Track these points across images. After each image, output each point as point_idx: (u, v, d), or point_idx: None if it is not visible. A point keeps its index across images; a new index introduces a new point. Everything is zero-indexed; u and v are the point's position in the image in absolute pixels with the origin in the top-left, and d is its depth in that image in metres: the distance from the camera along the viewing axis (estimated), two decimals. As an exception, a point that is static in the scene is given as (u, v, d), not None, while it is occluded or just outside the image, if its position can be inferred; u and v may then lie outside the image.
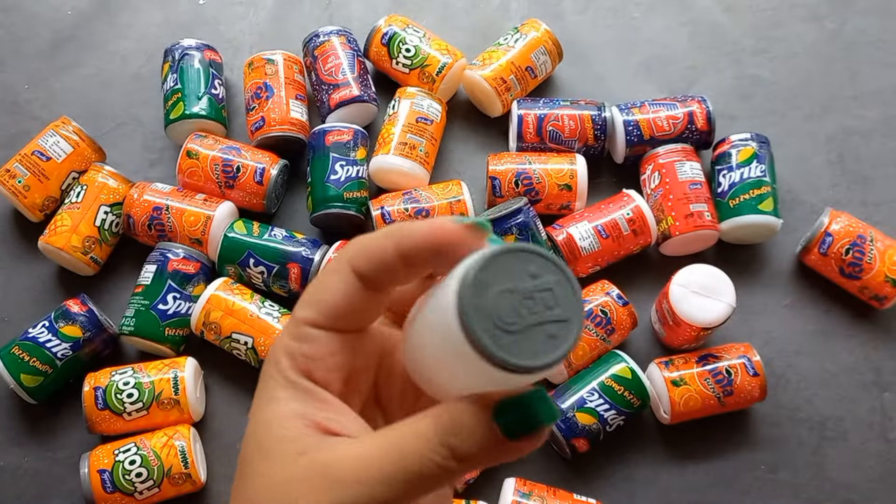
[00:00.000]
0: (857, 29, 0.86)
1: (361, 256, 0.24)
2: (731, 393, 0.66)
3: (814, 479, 0.68)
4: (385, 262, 0.23)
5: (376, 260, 0.23)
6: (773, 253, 0.76)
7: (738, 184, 0.72)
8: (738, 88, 0.83)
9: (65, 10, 0.88)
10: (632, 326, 0.70)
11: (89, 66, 0.85)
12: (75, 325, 0.68)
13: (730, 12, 0.87)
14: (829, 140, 0.81)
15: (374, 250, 0.24)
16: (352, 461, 0.22)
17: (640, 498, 0.68)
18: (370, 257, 0.24)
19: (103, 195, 0.73)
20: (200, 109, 0.76)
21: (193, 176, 0.74)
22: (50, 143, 0.75)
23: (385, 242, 0.23)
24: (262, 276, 0.71)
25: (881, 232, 0.72)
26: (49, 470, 0.69)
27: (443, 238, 0.23)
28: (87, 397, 0.66)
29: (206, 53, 0.79)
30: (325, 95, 0.77)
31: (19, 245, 0.77)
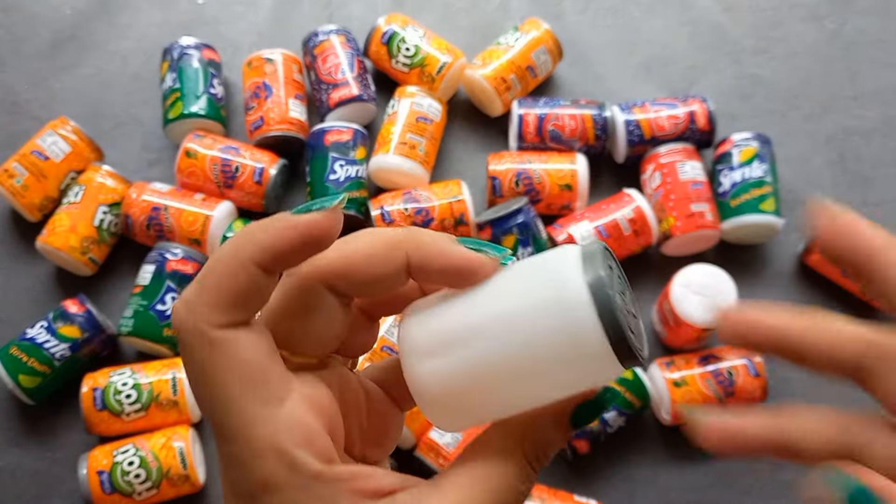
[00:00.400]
0: (857, 29, 0.86)
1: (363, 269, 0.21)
2: (732, 394, 0.66)
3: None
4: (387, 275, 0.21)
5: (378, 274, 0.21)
6: (774, 253, 0.76)
7: (740, 183, 0.72)
8: (738, 88, 0.83)
9: (64, 9, 0.88)
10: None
11: (89, 66, 0.85)
12: (74, 326, 0.68)
13: (730, 12, 0.87)
14: (830, 140, 0.81)
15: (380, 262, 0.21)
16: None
17: (641, 498, 0.68)
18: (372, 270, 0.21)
19: (102, 195, 0.73)
20: (199, 109, 0.76)
21: (192, 176, 0.74)
22: (48, 142, 0.74)
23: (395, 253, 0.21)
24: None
25: (882, 232, 0.71)
26: (48, 471, 0.68)
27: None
28: (86, 398, 0.65)
29: (205, 53, 0.78)
30: (324, 95, 0.77)
31: (17, 245, 0.76)
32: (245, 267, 0.20)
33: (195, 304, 0.20)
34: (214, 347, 0.20)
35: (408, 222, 0.72)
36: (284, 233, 0.21)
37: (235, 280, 0.20)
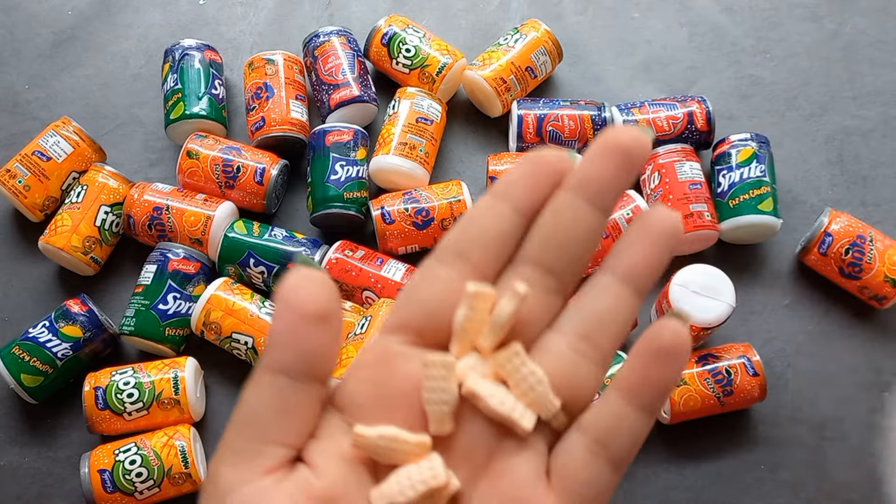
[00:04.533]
0: (856, 29, 0.86)
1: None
2: (730, 393, 0.66)
3: (813, 478, 0.68)
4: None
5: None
6: (772, 253, 0.76)
7: (738, 184, 0.73)
8: (737, 89, 0.84)
9: (65, 10, 0.88)
10: (632, 327, 0.70)
11: (90, 67, 0.85)
12: (75, 325, 0.68)
13: (729, 13, 0.88)
14: (829, 140, 0.81)
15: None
16: None
17: (640, 497, 0.68)
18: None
19: (103, 195, 0.73)
20: (201, 109, 0.76)
21: (194, 176, 0.74)
22: (50, 143, 0.75)
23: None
24: (263, 276, 0.71)
25: (881, 232, 0.72)
26: (49, 470, 0.69)
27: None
28: (88, 397, 0.66)
29: (207, 53, 0.79)
30: (325, 95, 0.77)
31: (19, 245, 0.77)
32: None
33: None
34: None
35: (408, 222, 0.72)
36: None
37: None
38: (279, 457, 0.23)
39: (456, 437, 0.24)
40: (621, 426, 0.24)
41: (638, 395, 0.24)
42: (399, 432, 0.24)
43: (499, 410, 0.24)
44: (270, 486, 0.23)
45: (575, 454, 0.24)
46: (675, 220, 0.25)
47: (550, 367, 0.24)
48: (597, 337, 0.25)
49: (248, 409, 0.24)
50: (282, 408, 0.23)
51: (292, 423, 0.24)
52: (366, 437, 0.23)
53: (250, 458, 0.23)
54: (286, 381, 0.23)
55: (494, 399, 0.24)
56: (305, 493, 0.23)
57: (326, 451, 0.24)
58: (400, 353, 0.25)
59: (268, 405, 0.23)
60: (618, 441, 0.24)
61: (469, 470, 0.24)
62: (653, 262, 0.25)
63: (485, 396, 0.24)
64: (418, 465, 0.24)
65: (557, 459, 0.24)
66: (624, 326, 0.25)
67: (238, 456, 0.23)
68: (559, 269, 0.25)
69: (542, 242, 0.25)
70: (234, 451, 0.23)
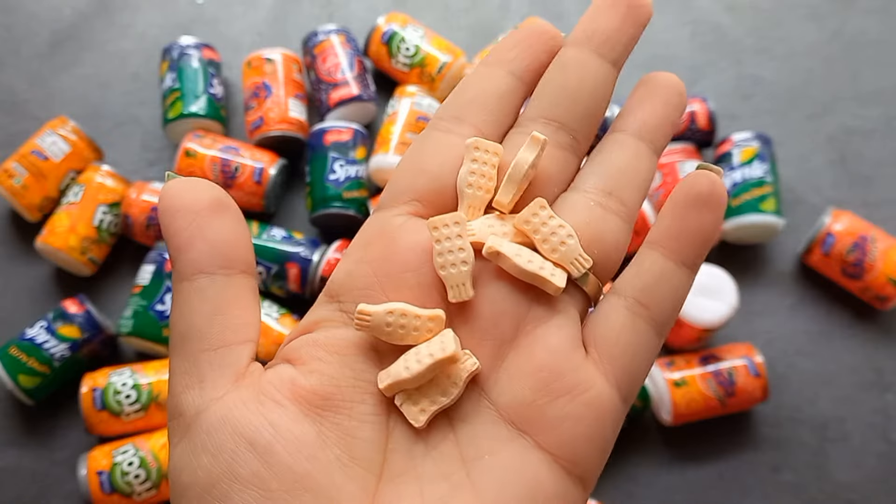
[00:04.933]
0: (858, 29, 0.86)
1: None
2: (732, 394, 0.66)
3: (815, 479, 0.68)
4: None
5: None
6: (775, 253, 0.76)
7: (740, 184, 0.72)
8: (738, 88, 0.83)
9: (64, 9, 0.87)
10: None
11: (88, 66, 0.85)
12: (73, 326, 0.67)
13: (731, 12, 0.87)
14: (831, 140, 0.81)
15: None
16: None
17: (642, 499, 0.68)
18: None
19: (101, 195, 0.73)
20: (199, 109, 0.75)
21: (192, 175, 0.74)
22: (48, 142, 0.74)
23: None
24: (261, 276, 0.71)
25: (883, 231, 0.71)
26: (47, 471, 0.68)
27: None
28: (85, 398, 0.65)
29: (205, 52, 0.78)
30: (324, 94, 0.77)
31: (17, 245, 0.76)
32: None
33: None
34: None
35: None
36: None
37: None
38: (240, 357, 0.21)
39: (477, 310, 0.22)
40: (662, 284, 0.22)
41: (677, 248, 0.22)
42: (409, 307, 0.21)
43: (527, 269, 0.21)
44: (248, 393, 0.20)
45: (614, 318, 0.22)
46: (676, 79, 0.24)
47: (576, 224, 0.22)
48: (620, 192, 0.23)
49: (182, 325, 0.21)
50: (215, 307, 0.21)
51: (234, 318, 0.21)
52: (371, 315, 0.21)
53: (207, 371, 0.20)
54: (207, 280, 0.21)
55: (521, 258, 0.21)
56: (291, 393, 0.20)
57: (317, 344, 0.21)
58: (401, 225, 0.22)
59: (200, 311, 0.21)
60: (659, 300, 0.22)
61: (494, 346, 0.22)
62: (665, 118, 0.24)
63: (510, 255, 0.21)
64: (428, 342, 0.21)
65: (594, 329, 0.22)
66: (646, 182, 0.23)
67: (194, 375, 0.20)
68: (571, 124, 0.23)
69: (550, 97, 0.23)
70: (186, 373, 0.20)
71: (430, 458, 0.21)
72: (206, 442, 0.20)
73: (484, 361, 0.22)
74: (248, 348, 0.21)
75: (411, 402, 0.21)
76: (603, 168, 0.23)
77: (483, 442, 0.21)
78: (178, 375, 0.21)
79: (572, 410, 0.21)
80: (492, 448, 0.21)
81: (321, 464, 0.20)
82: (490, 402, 0.21)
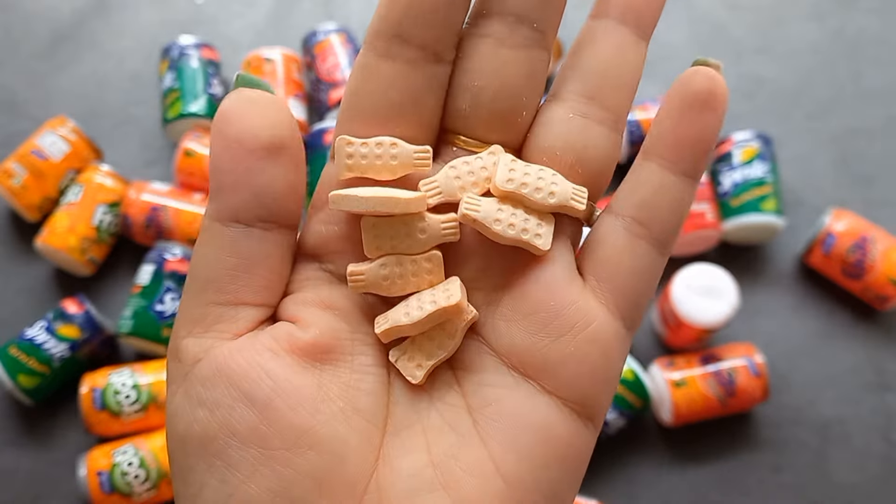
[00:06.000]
0: (859, 28, 0.86)
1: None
2: (733, 394, 0.66)
3: (816, 480, 0.68)
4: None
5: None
6: (775, 253, 0.76)
7: (741, 183, 0.72)
8: (739, 87, 0.83)
9: (62, 9, 0.87)
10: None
11: (87, 66, 0.84)
12: (73, 326, 0.67)
13: (732, 11, 0.87)
14: (832, 139, 0.80)
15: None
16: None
17: (642, 499, 0.68)
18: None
19: (101, 195, 0.72)
20: (198, 108, 0.75)
21: (191, 175, 0.74)
22: (47, 142, 0.74)
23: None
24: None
25: (884, 232, 0.71)
26: (47, 471, 0.68)
27: None
28: (85, 398, 0.65)
29: (204, 52, 0.78)
30: (323, 94, 0.76)
31: (16, 245, 0.76)
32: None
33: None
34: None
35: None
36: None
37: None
38: (250, 319, 0.20)
39: (465, 254, 0.21)
40: (662, 197, 0.20)
41: (676, 156, 0.20)
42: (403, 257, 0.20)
43: (508, 235, 0.20)
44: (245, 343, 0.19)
45: (612, 241, 0.20)
46: None
47: (559, 139, 0.20)
48: (605, 96, 0.21)
49: (202, 269, 0.20)
50: (242, 263, 0.19)
51: (258, 279, 0.20)
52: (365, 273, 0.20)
53: (214, 322, 0.19)
54: (242, 231, 0.19)
55: (500, 223, 0.20)
56: (289, 345, 0.19)
57: (307, 302, 0.20)
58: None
59: (224, 262, 0.19)
60: (660, 216, 0.20)
61: (486, 290, 0.21)
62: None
63: (489, 224, 0.20)
64: (433, 290, 0.20)
65: (592, 254, 0.21)
66: (634, 78, 0.21)
67: (199, 324, 0.19)
68: (530, 12, 0.20)
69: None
70: (193, 320, 0.20)
71: (435, 409, 0.20)
72: (202, 394, 0.19)
73: (479, 308, 0.21)
74: (262, 312, 0.20)
75: (406, 358, 0.20)
76: (582, 68, 0.21)
77: (488, 390, 0.20)
78: (186, 319, 0.20)
79: (576, 349, 0.20)
80: (498, 395, 0.20)
81: (324, 417, 0.19)
82: (491, 349, 0.20)
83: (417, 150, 0.20)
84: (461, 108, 0.21)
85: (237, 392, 0.18)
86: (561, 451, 0.20)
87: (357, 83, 0.20)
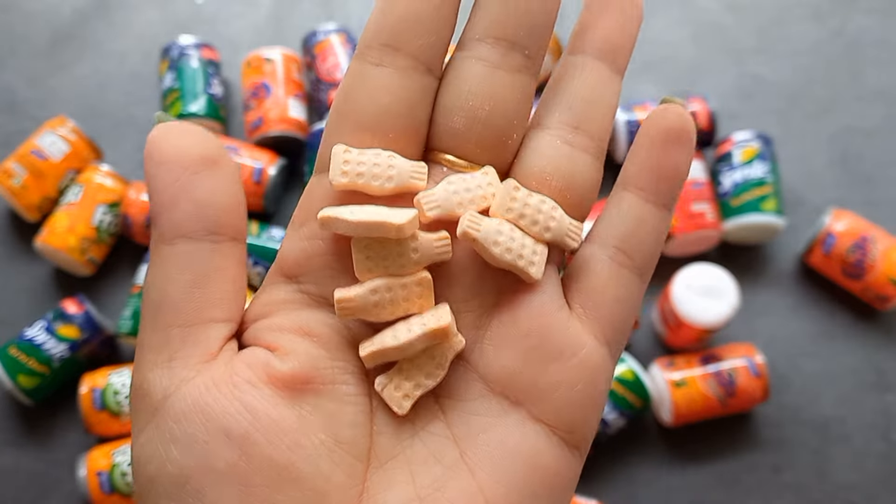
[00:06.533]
0: (859, 28, 0.86)
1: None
2: (733, 394, 0.66)
3: (816, 480, 0.68)
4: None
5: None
6: (775, 253, 0.76)
7: (741, 183, 0.72)
8: (739, 88, 0.83)
9: (63, 9, 0.87)
10: (634, 328, 0.69)
11: (87, 66, 0.84)
12: (72, 326, 0.67)
13: (732, 11, 0.87)
14: (832, 139, 0.80)
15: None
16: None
17: (642, 499, 0.68)
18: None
19: (101, 195, 0.72)
20: (198, 108, 0.75)
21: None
22: (47, 142, 0.74)
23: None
24: (261, 276, 0.70)
25: (884, 231, 0.71)
26: (46, 471, 0.68)
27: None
28: (85, 399, 0.65)
29: (204, 52, 0.78)
30: (323, 94, 0.76)
31: (16, 245, 0.76)
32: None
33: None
34: None
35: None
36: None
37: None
38: (215, 337, 0.19)
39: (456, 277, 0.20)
40: (642, 228, 0.21)
41: (654, 189, 0.21)
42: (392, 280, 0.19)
43: (505, 259, 0.20)
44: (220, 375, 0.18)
45: (598, 271, 0.21)
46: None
47: (549, 164, 0.21)
48: (588, 125, 0.21)
49: (155, 294, 0.19)
50: (196, 278, 0.19)
51: (215, 292, 0.19)
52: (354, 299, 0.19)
53: (178, 348, 0.19)
54: (190, 246, 0.19)
55: (499, 246, 0.20)
56: (267, 376, 0.19)
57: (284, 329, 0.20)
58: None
59: (178, 281, 0.19)
60: (641, 245, 0.21)
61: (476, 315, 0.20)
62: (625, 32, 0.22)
63: (488, 245, 0.20)
64: (421, 315, 0.20)
65: (578, 283, 0.21)
66: (612, 109, 0.22)
67: (163, 352, 0.19)
68: (522, 39, 0.21)
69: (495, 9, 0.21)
70: (155, 348, 0.19)
71: (419, 439, 0.20)
72: (175, 431, 0.18)
73: (466, 332, 0.20)
74: (226, 328, 0.19)
75: (393, 387, 0.20)
76: (566, 99, 0.22)
77: (474, 419, 0.20)
78: (147, 350, 0.19)
79: (564, 376, 0.20)
80: (485, 425, 0.20)
81: (305, 451, 0.18)
82: (478, 375, 0.20)
83: (414, 167, 0.20)
84: (455, 127, 0.21)
85: (214, 427, 0.18)
86: (549, 480, 0.20)
87: (349, 89, 0.20)
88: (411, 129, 0.21)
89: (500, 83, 0.21)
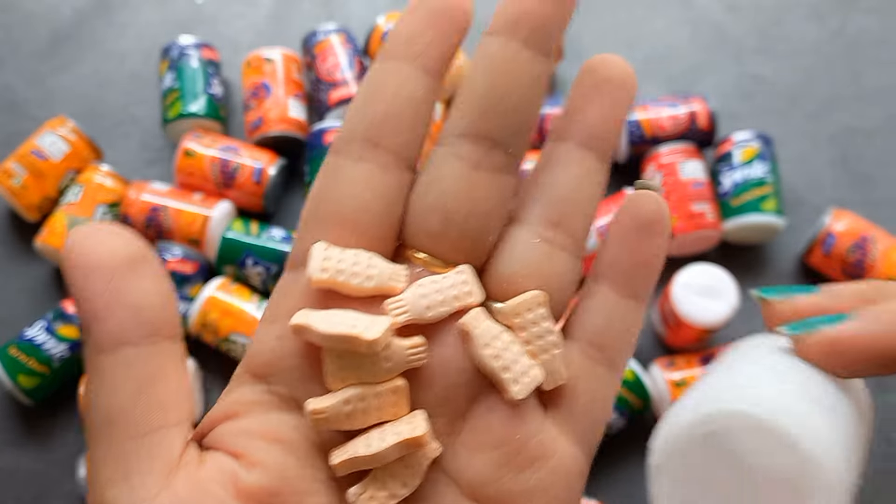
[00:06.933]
0: (859, 28, 0.86)
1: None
2: (733, 394, 0.66)
3: (816, 480, 0.68)
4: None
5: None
6: (775, 253, 0.76)
7: (741, 183, 0.72)
8: (739, 87, 0.83)
9: (63, 9, 0.87)
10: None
11: (87, 66, 0.84)
12: (73, 326, 0.67)
13: (731, 11, 0.87)
14: (832, 139, 0.80)
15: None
16: None
17: (642, 499, 0.67)
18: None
19: (101, 195, 0.73)
20: (198, 108, 0.75)
21: (191, 175, 0.74)
22: (47, 142, 0.74)
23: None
24: (261, 276, 0.70)
25: (884, 231, 0.71)
26: (46, 471, 0.68)
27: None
28: (85, 399, 0.65)
29: (204, 52, 0.78)
30: (323, 94, 0.76)
31: (16, 245, 0.76)
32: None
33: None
34: None
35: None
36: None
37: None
38: (175, 446, 0.18)
39: (430, 381, 0.20)
40: (614, 321, 0.21)
41: (627, 281, 0.21)
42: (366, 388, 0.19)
43: (491, 366, 0.20)
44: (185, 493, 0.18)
45: (570, 367, 0.21)
46: (623, 67, 0.21)
47: (523, 265, 0.20)
48: (568, 221, 0.21)
49: (103, 406, 0.18)
50: (141, 384, 0.18)
51: (163, 395, 0.18)
52: (326, 410, 0.19)
53: (136, 461, 0.18)
54: (131, 353, 0.18)
55: (489, 349, 0.20)
56: (234, 488, 0.18)
57: (251, 433, 0.19)
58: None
59: (124, 389, 0.18)
60: (614, 339, 0.21)
61: (448, 419, 0.20)
62: (613, 119, 0.21)
63: (479, 346, 0.19)
64: (395, 422, 0.19)
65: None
66: (595, 201, 0.22)
67: (119, 468, 0.18)
68: (506, 137, 0.20)
69: (479, 107, 0.20)
70: (112, 465, 0.18)
71: None
72: None
73: (439, 436, 0.20)
74: (181, 431, 0.19)
75: (367, 497, 0.19)
76: (547, 193, 0.21)
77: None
78: (101, 466, 0.18)
79: (539, 481, 0.20)
80: None
81: None
82: (450, 478, 0.20)
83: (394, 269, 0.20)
84: (431, 228, 0.20)
85: None
86: None
87: (327, 184, 0.20)
88: (387, 226, 0.20)
89: (480, 184, 0.20)
